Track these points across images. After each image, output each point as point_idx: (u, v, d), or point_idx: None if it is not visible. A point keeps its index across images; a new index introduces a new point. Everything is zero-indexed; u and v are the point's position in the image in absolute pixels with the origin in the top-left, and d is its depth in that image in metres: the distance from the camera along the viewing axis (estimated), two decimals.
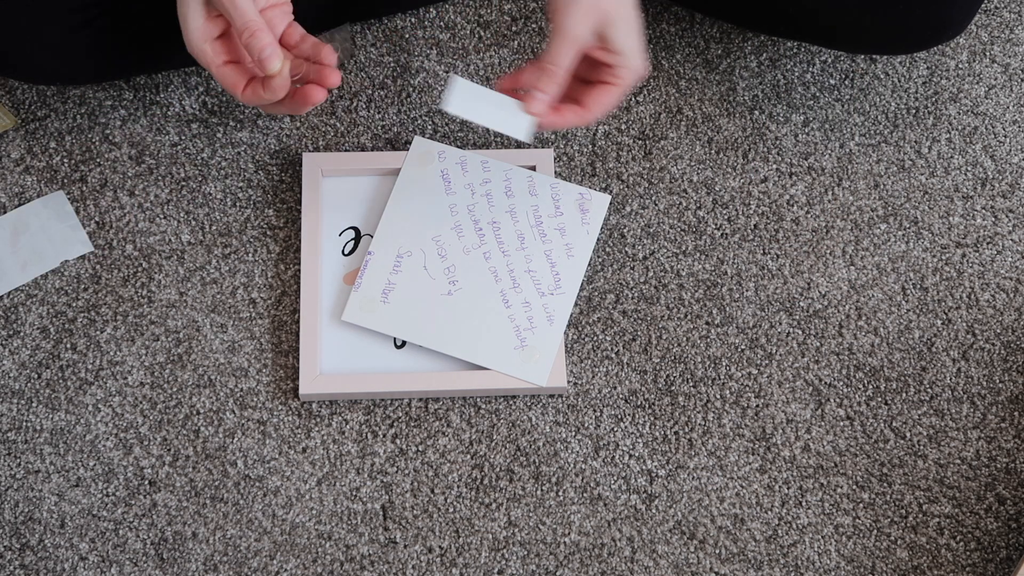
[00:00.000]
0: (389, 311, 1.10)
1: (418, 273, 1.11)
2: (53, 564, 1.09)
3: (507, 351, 1.09)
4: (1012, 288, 1.20)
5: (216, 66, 0.98)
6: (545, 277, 1.11)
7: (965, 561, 1.11)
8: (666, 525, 1.11)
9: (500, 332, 1.10)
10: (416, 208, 1.14)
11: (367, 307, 1.11)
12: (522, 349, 1.09)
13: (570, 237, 1.12)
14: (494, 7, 1.29)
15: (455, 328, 1.10)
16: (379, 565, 1.09)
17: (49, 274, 1.17)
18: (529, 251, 1.11)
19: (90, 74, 1.15)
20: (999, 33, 1.30)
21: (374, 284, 1.11)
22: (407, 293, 1.10)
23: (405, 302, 1.10)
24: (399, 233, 1.13)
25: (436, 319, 1.10)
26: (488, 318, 1.10)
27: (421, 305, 1.10)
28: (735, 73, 1.27)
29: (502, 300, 1.09)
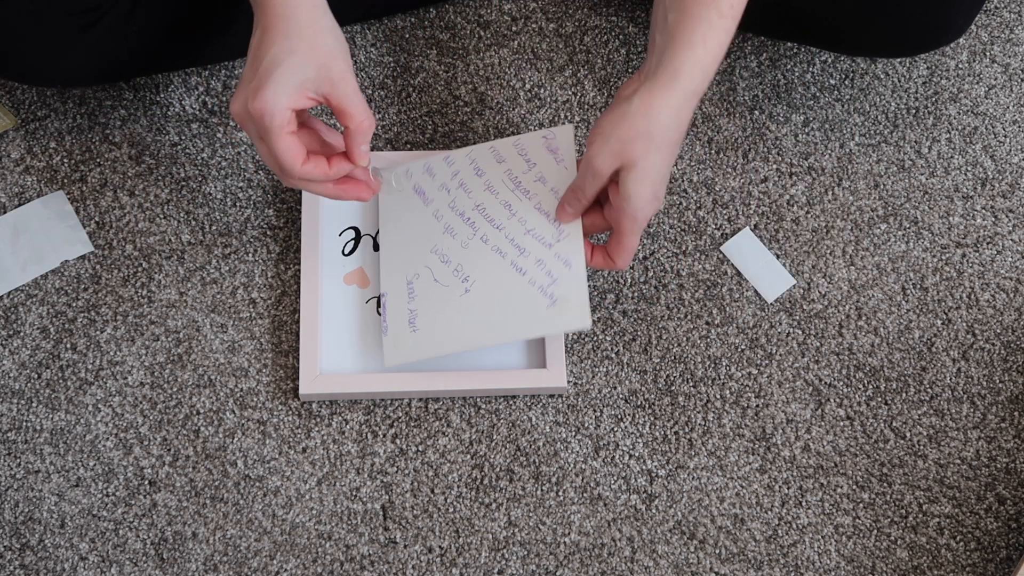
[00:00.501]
0: (422, 336, 1.09)
1: (432, 289, 1.10)
2: (53, 564, 1.09)
3: (542, 313, 1.06)
4: (1012, 288, 1.20)
5: (285, 133, 0.95)
6: (545, 229, 1.07)
7: (965, 561, 1.11)
8: (666, 525, 1.11)
9: (528, 300, 1.07)
10: (405, 232, 1.13)
11: (401, 344, 1.09)
12: (553, 304, 1.05)
13: (552, 181, 1.08)
14: (494, 7, 1.29)
15: (487, 319, 1.08)
16: (379, 565, 1.09)
17: (49, 274, 1.17)
18: (520, 214, 1.09)
19: (91, 77, 1.15)
20: (999, 33, 1.30)
21: (398, 320, 1.10)
22: (430, 311, 1.09)
23: (432, 320, 1.09)
24: (400, 262, 1.12)
25: (466, 320, 1.08)
26: (511, 294, 1.07)
27: (447, 314, 1.08)
28: (735, 73, 1.27)
29: (516, 271, 1.08)
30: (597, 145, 0.97)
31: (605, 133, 0.96)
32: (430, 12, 1.28)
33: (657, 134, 0.95)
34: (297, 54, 0.94)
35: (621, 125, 0.95)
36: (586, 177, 1.00)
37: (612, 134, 0.96)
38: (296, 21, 0.95)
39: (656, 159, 0.96)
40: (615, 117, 0.96)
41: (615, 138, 0.96)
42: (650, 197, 0.97)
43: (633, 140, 0.95)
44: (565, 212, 1.05)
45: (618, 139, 0.95)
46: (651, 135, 0.95)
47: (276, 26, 0.95)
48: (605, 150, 0.96)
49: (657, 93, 0.94)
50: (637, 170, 0.96)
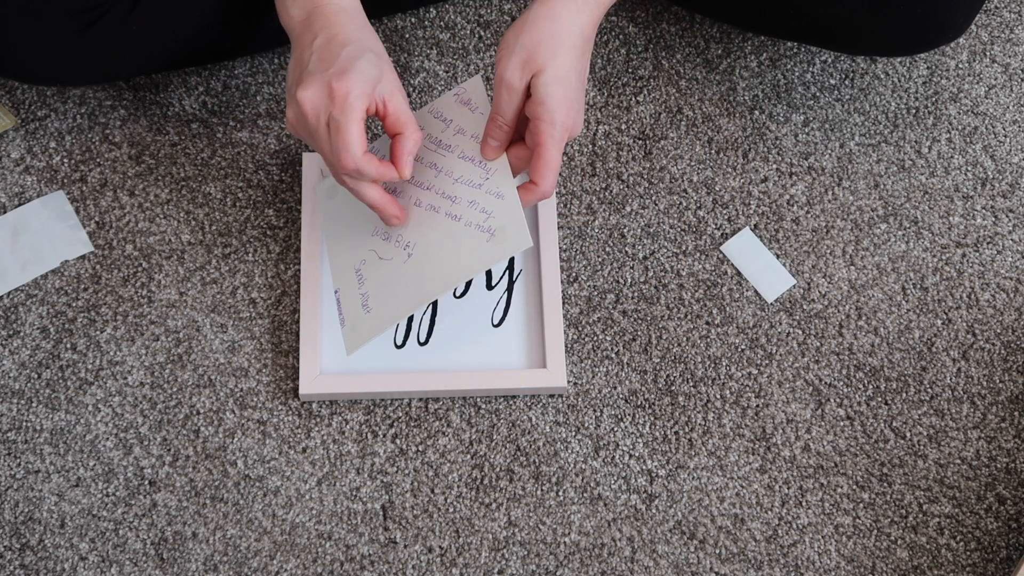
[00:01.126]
0: (376, 314, 1.08)
1: (378, 268, 1.09)
2: (53, 564, 1.09)
3: (483, 248, 1.04)
4: (1012, 288, 1.20)
5: (361, 118, 0.96)
6: (473, 172, 1.06)
7: (965, 561, 1.11)
8: (666, 525, 1.11)
9: (468, 241, 1.05)
10: (344, 228, 1.12)
11: (358, 327, 1.09)
12: (493, 236, 1.03)
13: (471, 129, 1.07)
14: (494, 7, 1.29)
15: (433, 273, 1.06)
16: (379, 565, 1.09)
17: (49, 274, 1.17)
18: (446, 168, 1.06)
19: (91, 76, 1.15)
20: (999, 33, 1.30)
21: (352, 309, 1.09)
22: (379, 289, 1.08)
23: (382, 296, 1.08)
24: (346, 257, 1.11)
25: (413, 282, 1.06)
26: (451, 242, 1.06)
27: (396, 285, 1.07)
28: (735, 73, 1.27)
29: (451, 219, 1.05)
30: (504, 59, 0.96)
31: (510, 45, 0.96)
32: (430, 12, 1.28)
33: (561, 34, 0.95)
34: (372, 54, 0.97)
35: (524, 33, 0.96)
36: (501, 96, 0.98)
37: (516, 43, 0.96)
38: (364, 31, 1.00)
39: (564, 60, 0.96)
40: (517, 28, 0.96)
41: (519, 46, 0.95)
42: (564, 100, 0.96)
43: (538, 44, 0.95)
44: (489, 146, 1.03)
45: (522, 46, 0.95)
46: (556, 35, 0.95)
47: (347, 34, 0.98)
48: (513, 61, 0.95)
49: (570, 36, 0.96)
50: (547, 73, 0.95)
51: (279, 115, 1.23)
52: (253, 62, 1.25)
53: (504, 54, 0.97)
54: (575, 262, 1.19)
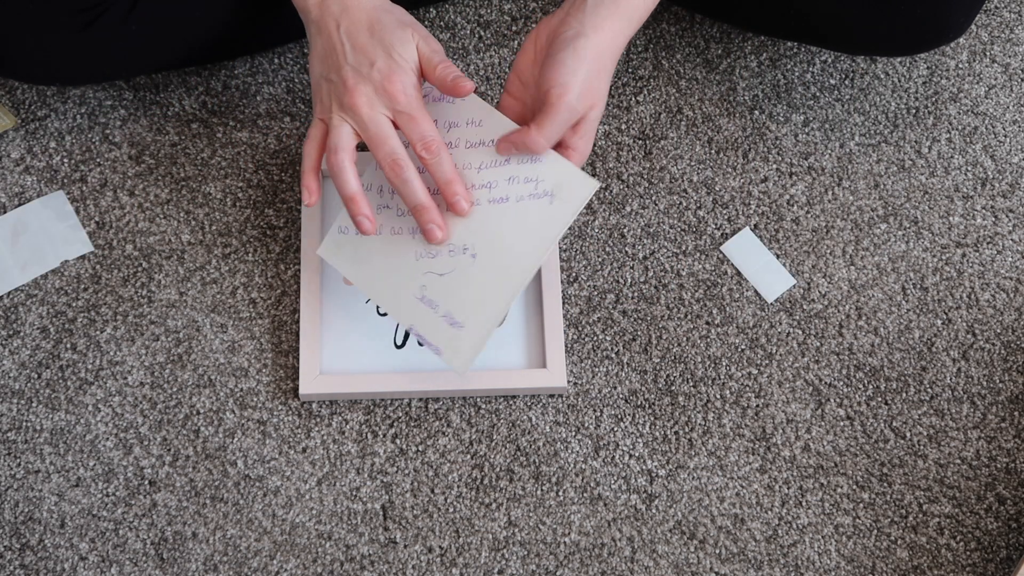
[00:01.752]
0: (471, 326, 1.05)
1: (445, 284, 1.05)
2: (53, 564, 1.09)
3: (549, 211, 1.03)
4: (1012, 288, 1.20)
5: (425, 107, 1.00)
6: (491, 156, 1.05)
7: (965, 561, 1.11)
8: (666, 525, 1.11)
9: (530, 214, 1.03)
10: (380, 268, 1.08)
11: (461, 346, 1.05)
12: (554, 198, 1.03)
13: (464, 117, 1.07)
14: (494, 7, 1.29)
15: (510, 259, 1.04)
16: (379, 565, 1.09)
17: (49, 274, 1.17)
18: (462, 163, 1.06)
19: (91, 76, 1.15)
20: (999, 33, 1.30)
21: (441, 332, 1.06)
22: (460, 301, 1.05)
23: (467, 306, 1.05)
24: (400, 293, 1.07)
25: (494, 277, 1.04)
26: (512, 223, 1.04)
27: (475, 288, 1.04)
28: (735, 73, 1.27)
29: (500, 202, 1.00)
30: (572, 89, 0.98)
31: (576, 76, 0.98)
32: (430, 12, 1.28)
33: (611, 59, 1.01)
34: (397, 26, 1.00)
35: (584, 65, 0.98)
36: (567, 120, 1.00)
37: (580, 75, 0.98)
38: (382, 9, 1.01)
39: (607, 87, 1.01)
40: (578, 58, 0.98)
41: (584, 75, 0.98)
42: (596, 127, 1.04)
43: (598, 73, 0.99)
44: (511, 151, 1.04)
45: (587, 76, 0.99)
46: (607, 63, 1.00)
47: (364, 10, 1.00)
48: (579, 91, 0.99)
49: (609, 32, 0.99)
50: (599, 108, 1.01)
51: (279, 115, 1.23)
52: (253, 62, 1.25)
53: (569, 82, 0.98)
54: (575, 262, 1.19)
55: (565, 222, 1.02)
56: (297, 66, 1.25)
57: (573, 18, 1.00)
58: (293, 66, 1.25)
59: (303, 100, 1.24)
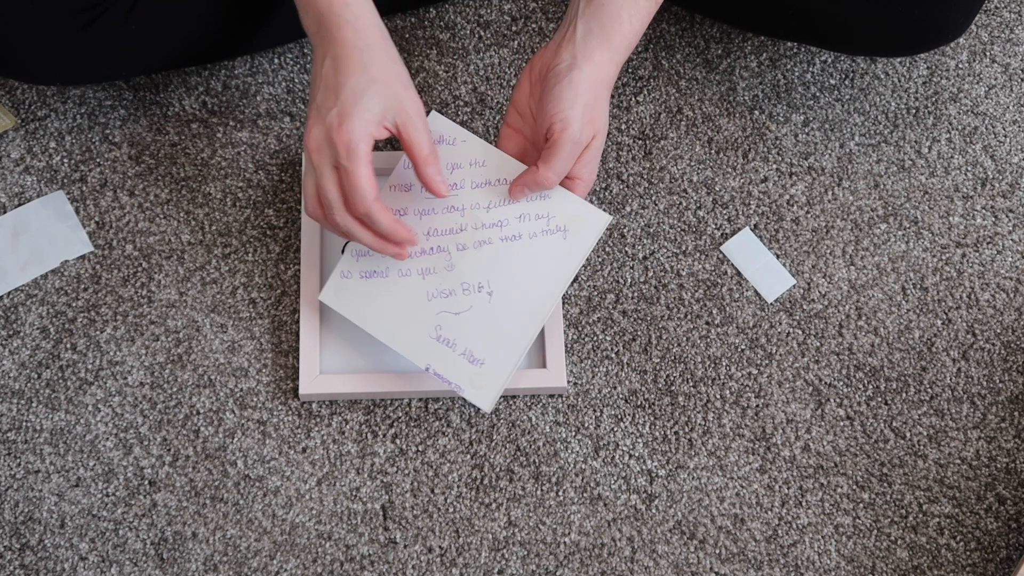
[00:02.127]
0: (492, 362, 1.06)
1: (462, 322, 1.06)
2: (53, 564, 1.09)
3: (563, 246, 1.05)
4: (1012, 288, 1.20)
5: (368, 162, 0.97)
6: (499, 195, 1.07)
7: (965, 561, 1.11)
8: (666, 525, 1.11)
9: (543, 249, 1.05)
10: (391, 310, 1.08)
11: (484, 383, 1.06)
12: (568, 233, 1.05)
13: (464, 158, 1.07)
14: (494, 7, 1.29)
15: (528, 295, 1.05)
16: (379, 565, 1.09)
17: (49, 274, 1.17)
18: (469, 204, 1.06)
19: (91, 76, 1.15)
20: (999, 33, 1.30)
21: (461, 371, 1.06)
22: (477, 338, 1.06)
23: (486, 343, 1.06)
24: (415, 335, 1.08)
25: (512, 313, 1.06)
26: (528, 259, 1.05)
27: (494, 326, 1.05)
28: (735, 73, 1.27)
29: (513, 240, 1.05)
30: (573, 123, 0.99)
31: (575, 109, 0.99)
32: (430, 12, 1.28)
33: (606, 88, 1.02)
34: (378, 84, 0.96)
35: (582, 96, 1.00)
36: (572, 154, 1.01)
37: (579, 107, 1.00)
38: (371, 52, 0.97)
39: (607, 113, 1.03)
40: (574, 91, 0.99)
41: (583, 107, 1.00)
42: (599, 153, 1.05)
43: (596, 102, 1.01)
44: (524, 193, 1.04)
45: (585, 107, 1.00)
46: (604, 91, 1.02)
47: (351, 56, 0.97)
48: (580, 123, 1.00)
49: (600, 60, 1.00)
50: (600, 137, 1.02)
51: (279, 115, 1.23)
52: (253, 62, 1.25)
53: (569, 115, 0.99)
54: None
55: (581, 257, 1.05)
56: (297, 66, 1.25)
57: (564, 50, 1.01)
58: (293, 66, 1.25)
59: (303, 100, 1.24)
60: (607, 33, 1.00)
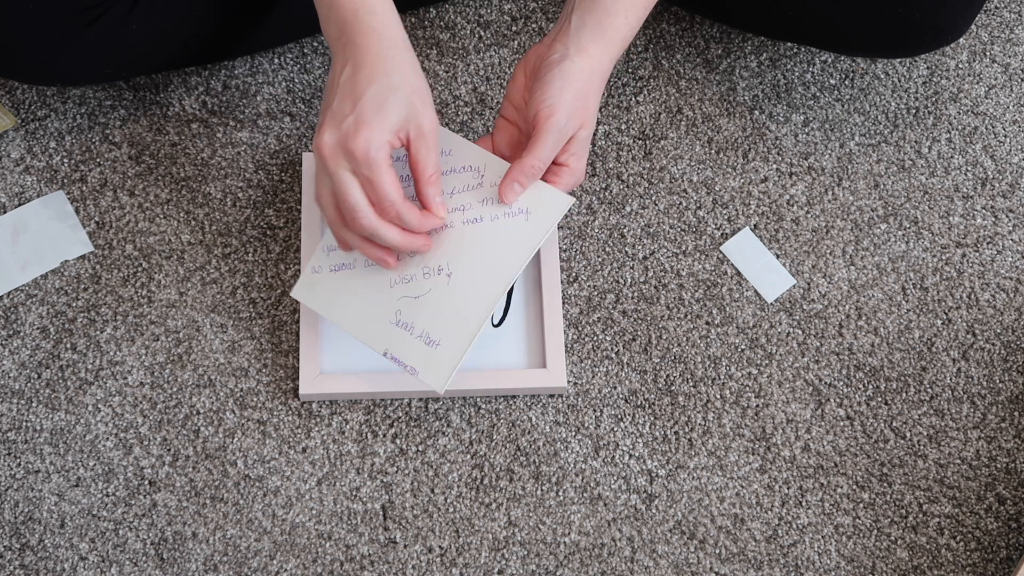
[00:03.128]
0: (448, 343, 1.05)
1: (421, 305, 1.05)
2: (53, 564, 1.09)
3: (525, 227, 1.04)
4: (1012, 288, 1.20)
5: (389, 167, 0.96)
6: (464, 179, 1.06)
7: (965, 561, 1.11)
8: (666, 525, 1.11)
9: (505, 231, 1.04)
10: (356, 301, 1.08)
11: (438, 364, 1.05)
12: (530, 214, 1.04)
13: None
14: (494, 7, 1.29)
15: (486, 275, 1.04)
16: (379, 565, 1.09)
17: (49, 274, 1.17)
18: None
19: (91, 76, 1.15)
20: (999, 33, 1.30)
21: (417, 354, 1.05)
22: (435, 320, 1.05)
23: (443, 324, 1.05)
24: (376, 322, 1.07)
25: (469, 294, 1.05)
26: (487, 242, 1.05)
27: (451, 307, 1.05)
28: (735, 73, 1.27)
29: (473, 223, 1.05)
30: (560, 110, 0.99)
31: (563, 97, 1.00)
32: (430, 12, 1.28)
33: (599, 82, 1.02)
34: (399, 93, 0.96)
35: (572, 86, 1.00)
36: (557, 141, 1.01)
37: (567, 96, 1.00)
38: (394, 61, 0.97)
39: (597, 107, 1.03)
40: (564, 80, 1.00)
41: (572, 98, 1.00)
42: (588, 146, 1.05)
43: (587, 97, 1.01)
44: (514, 191, 1.03)
45: (576, 97, 1.00)
46: (596, 85, 1.02)
47: (374, 64, 0.96)
48: (568, 112, 1.00)
49: (594, 53, 1.01)
50: (588, 128, 1.02)
51: (279, 115, 1.23)
52: (253, 62, 1.25)
53: (557, 103, 0.99)
54: (575, 262, 1.19)
55: (541, 236, 1.04)
56: (297, 66, 1.25)
57: (559, 42, 1.01)
58: (293, 66, 1.25)
59: (303, 100, 1.24)
60: (602, 26, 1.01)
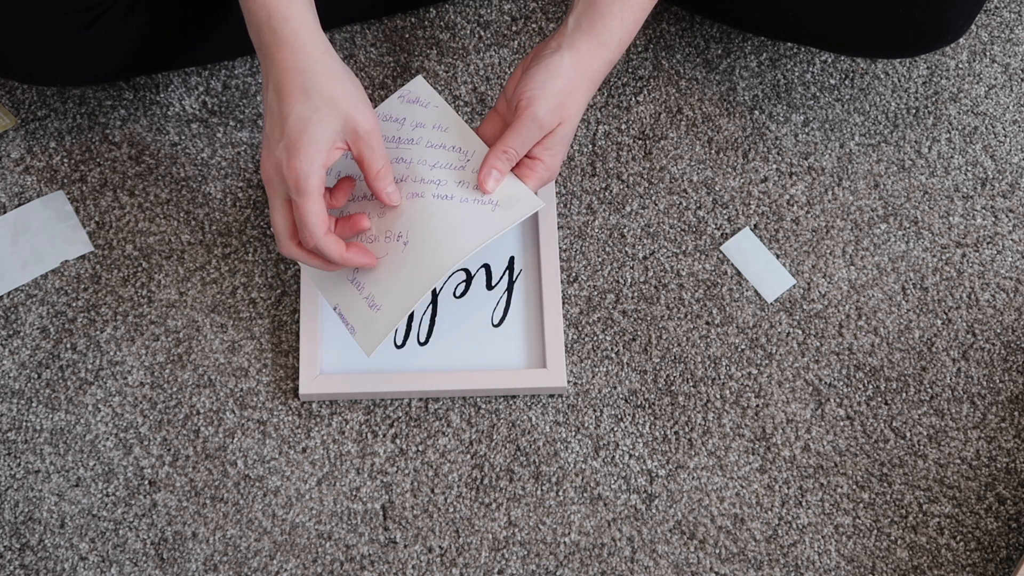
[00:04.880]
0: (387, 308, 1.07)
1: (375, 269, 1.07)
2: (53, 564, 1.09)
3: (489, 217, 1.04)
4: (1012, 288, 1.20)
5: (318, 195, 0.96)
6: (449, 157, 1.06)
7: (965, 561, 1.11)
8: (666, 525, 1.11)
9: (469, 215, 1.04)
10: None
11: (371, 327, 1.06)
12: (497, 206, 1.04)
13: (430, 120, 1.08)
14: (494, 7, 1.29)
15: (437, 252, 1.04)
16: (379, 565, 1.09)
17: (49, 274, 1.17)
18: (417, 159, 1.06)
19: (91, 76, 1.15)
20: (999, 33, 1.30)
21: (358, 313, 1.07)
22: (383, 285, 1.06)
23: (388, 289, 1.05)
24: (334, 275, 1.09)
25: (417, 266, 1.05)
26: (450, 219, 1.04)
27: (399, 275, 1.05)
28: (735, 73, 1.27)
29: (442, 199, 1.05)
30: (538, 100, 1.00)
31: (545, 89, 1.00)
32: (430, 12, 1.28)
33: (588, 80, 1.02)
34: (322, 110, 0.95)
35: (558, 77, 1.00)
36: (525, 134, 1.01)
37: (551, 87, 1.00)
38: (311, 74, 0.95)
39: (583, 105, 1.03)
40: (549, 73, 1.00)
41: (555, 92, 1.00)
42: (568, 141, 1.05)
43: (572, 93, 1.01)
44: (492, 178, 1.03)
45: (558, 92, 1.00)
46: (584, 83, 1.02)
47: (292, 81, 0.95)
48: (548, 105, 1.00)
49: (585, 52, 1.01)
50: (570, 123, 1.02)
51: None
52: (253, 62, 1.25)
53: (538, 96, 1.00)
54: (575, 262, 1.19)
55: (500, 229, 1.04)
56: None
57: (554, 39, 1.02)
58: None
59: None
60: (596, 28, 1.01)
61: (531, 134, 1.01)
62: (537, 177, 1.04)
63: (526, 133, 1.01)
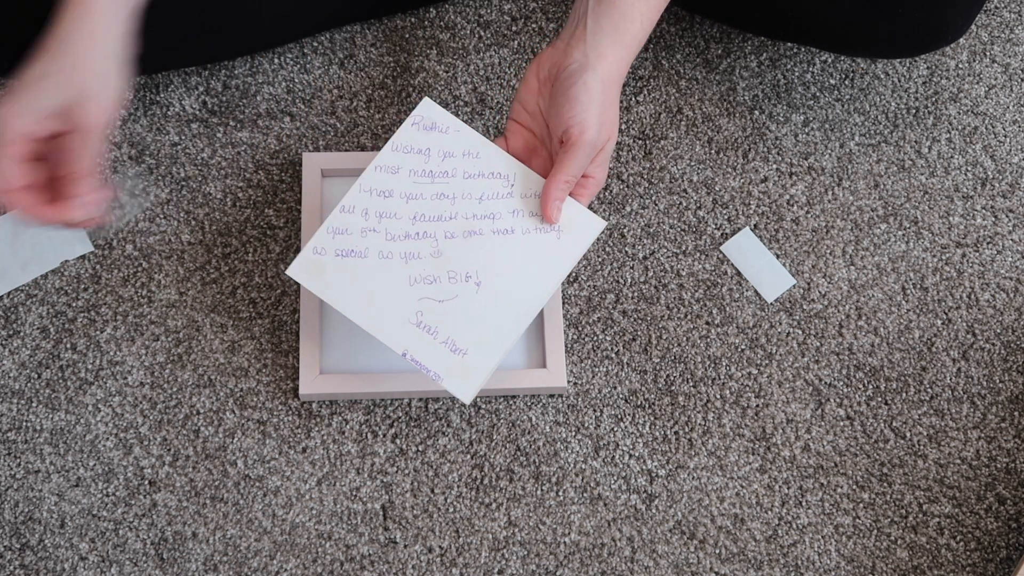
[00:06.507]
0: (477, 352, 1.03)
1: (446, 310, 1.04)
2: (53, 564, 1.09)
3: (556, 246, 1.04)
4: (1012, 288, 1.20)
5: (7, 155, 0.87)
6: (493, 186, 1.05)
7: (965, 561, 1.11)
8: (666, 525, 1.11)
9: (538, 247, 1.04)
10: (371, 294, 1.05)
11: (468, 373, 1.03)
12: (562, 232, 1.04)
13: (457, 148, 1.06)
14: (494, 7, 1.29)
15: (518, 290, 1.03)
16: (379, 565, 1.09)
17: (49, 274, 1.17)
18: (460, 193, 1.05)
19: None
20: (999, 33, 1.30)
21: (441, 359, 1.03)
22: (462, 327, 1.03)
23: (470, 332, 1.03)
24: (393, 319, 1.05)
25: (500, 305, 1.03)
26: (519, 255, 1.04)
27: (479, 316, 1.03)
28: (735, 73, 1.27)
29: (505, 235, 1.04)
30: (591, 126, 0.99)
31: (590, 111, 0.99)
32: (430, 12, 1.28)
33: (617, 89, 1.02)
34: (48, 78, 0.88)
35: (597, 99, 0.99)
36: (588, 156, 1.00)
37: (595, 110, 0.99)
38: (67, 43, 0.89)
39: (618, 116, 1.03)
40: (590, 94, 0.99)
41: (600, 111, 1.00)
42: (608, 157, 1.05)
43: (611, 107, 1.01)
44: (556, 209, 1.03)
45: (603, 111, 1.00)
46: (615, 98, 1.01)
47: (47, 42, 0.90)
48: (597, 126, 0.99)
49: (612, 59, 1.00)
50: (616, 135, 1.02)
51: (279, 115, 1.23)
52: (253, 62, 1.25)
53: (587, 119, 0.99)
54: None
55: (573, 259, 1.04)
56: (297, 66, 1.25)
57: (575, 49, 1.00)
58: (293, 66, 1.25)
59: (303, 100, 1.24)
60: (619, 32, 0.99)
61: (588, 158, 1.01)
62: (589, 194, 1.04)
63: (584, 158, 1.00)
